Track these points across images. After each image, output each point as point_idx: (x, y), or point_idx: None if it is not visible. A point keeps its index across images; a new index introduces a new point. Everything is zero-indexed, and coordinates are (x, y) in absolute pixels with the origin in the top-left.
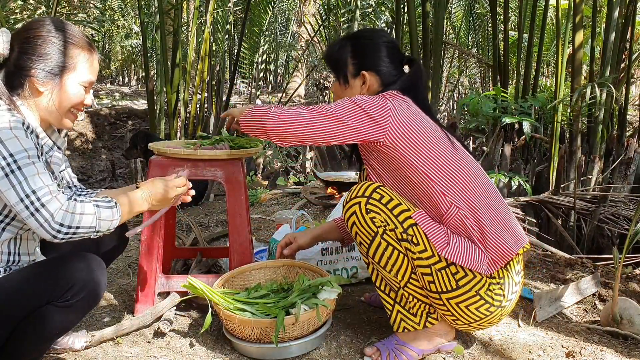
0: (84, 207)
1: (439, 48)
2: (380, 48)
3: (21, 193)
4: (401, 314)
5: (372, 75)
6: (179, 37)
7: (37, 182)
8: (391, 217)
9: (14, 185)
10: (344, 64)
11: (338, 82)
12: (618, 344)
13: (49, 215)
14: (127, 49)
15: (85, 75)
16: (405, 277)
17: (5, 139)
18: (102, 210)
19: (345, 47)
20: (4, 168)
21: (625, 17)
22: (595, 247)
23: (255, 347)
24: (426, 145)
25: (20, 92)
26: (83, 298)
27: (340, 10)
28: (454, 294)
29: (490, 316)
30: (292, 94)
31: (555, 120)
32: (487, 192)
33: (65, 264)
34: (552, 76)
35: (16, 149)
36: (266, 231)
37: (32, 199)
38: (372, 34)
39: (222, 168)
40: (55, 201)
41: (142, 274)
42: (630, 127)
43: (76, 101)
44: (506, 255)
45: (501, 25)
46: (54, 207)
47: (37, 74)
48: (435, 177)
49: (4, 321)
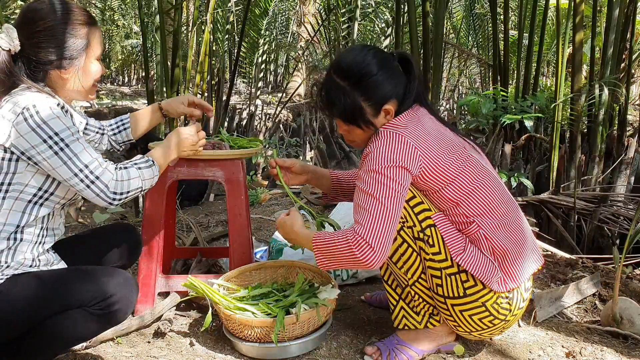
0: (130, 173)
1: (439, 48)
2: (383, 74)
3: (74, 168)
4: (404, 311)
5: (392, 102)
6: (179, 37)
7: (87, 157)
8: (411, 214)
9: (66, 162)
10: (360, 111)
11: (358, 128)
12: (618, 344)
13: (104, 186)
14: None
15: (98, 50)
16: (415, 276)
17: (48, 119)
18: (144, 171)
19: (354, 94)
20: (52, 147)
21: (625, 16)
22: (595, 247)
23: (255, 346)
24: (453, 171)
25: (46, 82)
26: (115, 311)
27: (341, 10)
28: (459, 301)
29: (493, 328)
30: (292, 93)
31: (556, 120)
32: (508, 212)
33: (109, 275)
34: (552, 76)
35: (60, 128)
36: (266, 231)
37: (85, 173)
38: (368, 67)
39: (222, 168)
40: (107, 172)
41: (142, 274)
42: (630, 127)
43: (97, 76)
44: (519, 279)
45: (501, 25)
46: (107, 178)
47: (59, 65)
48: (460, 201)
49: (34, 313)
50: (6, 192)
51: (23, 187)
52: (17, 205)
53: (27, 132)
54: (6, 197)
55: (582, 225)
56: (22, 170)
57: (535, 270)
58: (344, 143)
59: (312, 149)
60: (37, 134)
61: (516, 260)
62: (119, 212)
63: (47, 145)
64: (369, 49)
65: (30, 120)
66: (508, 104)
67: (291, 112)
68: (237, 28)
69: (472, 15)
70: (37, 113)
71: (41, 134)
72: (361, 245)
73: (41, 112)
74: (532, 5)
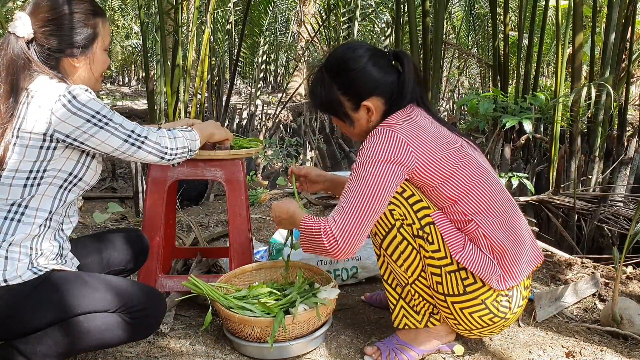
0: (174, 133)
1: (439, 48)
2: (366, 70)
3: (123, 135)
4: (404, 310)
5: (373, 99)
6: (179, 37)
7: (129, 124)
8: (410, 212)
9: (113, 132)
10: (339, 103)
11: (340, 121)
12: (618, 344)
13: (154, 142)
14: (127, 49)
15: (107, 39)
16: (414, 274)
17: (85, 101)
18: (185, 133)
19: (331, 86)
20: (97, 123)
21: (625, 17)
22: (595, 247)
23: (255, 346)
24: (449, 168)
25: (58, 70)
26: (146, 324)
27: (341, 10)
28: (459, 299)
29: (493, 326)
30: (293, 93)
31: (555, 121)
32: (506, 209)
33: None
34: (552, 76)
35: (98, 107)
36: (266, 231)
37: (134, 137)
38: (350, 61)
39: (222, 168)
40: (151, 132)
41: (142, 274)
42: (630, 127)
43: (106, 66)
44: (518, 277)
45: (501, 25)
46: (154, 137)
47: (70, 53)
48: (457, 199)
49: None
50: (41, 178)
51: (57, 172)
52: (49, 191)
53: (69, 117)
54: (41, 183)
55: (582, 225)
56: (57, 157)
57: (534, 267)
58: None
59: (312, 149)
60: (79, 117)
61: (515, 259)
62: (119, 212)
63: (91, 124)
64: (361, 46)
65: (69, 105)
66: (508, 104)
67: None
68: (237, 28)
69: (472, 16)
70: (74, 98)
71: (83, 115)
72: (329, 236)
73: (77, 97)
74: (532, 5)
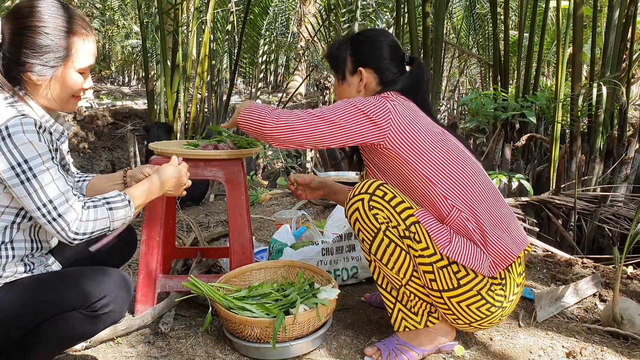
0: (98, 212)
1: (439, 48)
2: (380, 46)
3: (38, 202)
4: (402, 313)
5: (370, 73)
6: (178, 37)
7: (53, 191)
8: (394, 214)
9: (30, 194)
10: (343, 61)
11: (337, 80)
12: (618, 344)
13: (66, 225)
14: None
15: (82, 62)
16: (407, 275)
17: (19, 144)
18: (115, 212)
19: (345, 44)
20: (19, 175)
21: (625, 17)
22: (595, 247)
23: (255, 346)
24: (426, 147)
25: (21, 85)
26: (110, 311)
27: (341, 10)
28: (455, 293)
29: (491, 316)
30: (293, 93)
31: (556, 120)
32: (488, 194)
33: (101, 275)
34: (552, 76)
35: (31, 155)
36: (266, 231)
37: (49, 209)
38: (372, 32)
39: (222, 168)
40: (71, 211)
41: (142, 274)
42: (630, 127)
43: (75, 89)
44: (507, 258)
45: (501, 25)
46: (70, 218)
47: (32, 69)
48: (435, 179)
49: (30, 318)
50: None
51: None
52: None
53: None
54: None
55: (583, 225)
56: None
57: (522, 250)
58: None
59: (313, 149)
60: (6, 159)
61: (500, 240)
62: None
63: (13, 173)
64: (390, 35)
65: (2, 143)
66: (508, 103)
67: None
68: (237, 28)
69: (472, 16)
70: (9, 136)
71: (9, 160)
72: (273, 119)
73: (12, 136)
74: (532, 5)
